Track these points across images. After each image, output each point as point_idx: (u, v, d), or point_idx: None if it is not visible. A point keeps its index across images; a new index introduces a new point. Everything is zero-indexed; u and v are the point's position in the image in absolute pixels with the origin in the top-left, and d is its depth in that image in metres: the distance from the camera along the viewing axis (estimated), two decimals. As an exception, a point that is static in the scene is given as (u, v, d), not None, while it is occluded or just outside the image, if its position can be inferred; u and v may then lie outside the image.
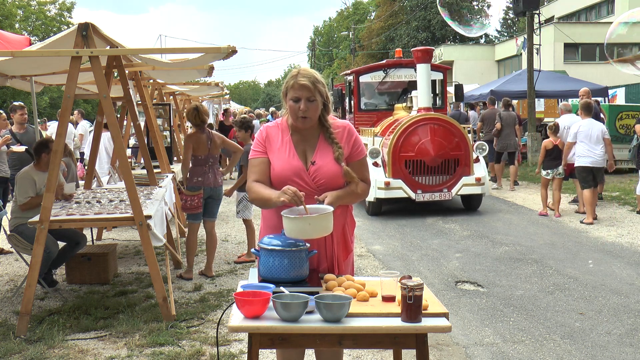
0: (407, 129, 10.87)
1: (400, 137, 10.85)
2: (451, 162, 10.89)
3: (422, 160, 10.75)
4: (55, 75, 7.80)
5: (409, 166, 10.82)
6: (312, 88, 3.09)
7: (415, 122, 10.92)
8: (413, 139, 10.84)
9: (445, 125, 11.00)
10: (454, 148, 10.89)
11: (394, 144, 10.84)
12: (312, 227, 2.91)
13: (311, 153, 3.18)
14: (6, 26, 33.29)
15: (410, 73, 12.95)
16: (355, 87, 13.24)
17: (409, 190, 10.75)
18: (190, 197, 6.96)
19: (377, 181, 10.72)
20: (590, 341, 5.10)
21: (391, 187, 10.73)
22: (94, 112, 24.07)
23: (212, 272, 7.15)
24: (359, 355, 4.79)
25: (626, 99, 21.47)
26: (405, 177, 10.81)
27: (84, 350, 4.91)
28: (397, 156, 10.81)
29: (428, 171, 10.81)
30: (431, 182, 10.87)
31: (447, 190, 10.88)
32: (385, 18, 49.92)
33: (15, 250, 6.89)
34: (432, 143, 10.76)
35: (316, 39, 73.10)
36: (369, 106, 13.49)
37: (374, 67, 13.63)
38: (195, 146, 7.03)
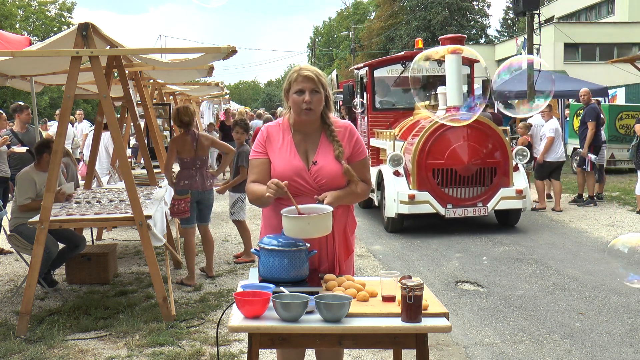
0: (436, 132, 9.28)
1: (427, 141, 9.26)
2: (487, 171, 9.29)
3: (453, 169, 9.19)
4: (55, 75, 7.80)
5: (438, 176, 9.24)
6: (316, 80, 3.12)
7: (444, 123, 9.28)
8: (442, 144, 9.26)
9: (481, 128, 9.37)
10: (491, 154, 9.34)
11: (419, 149, 9.23)
12: (312, 227, 2.91)
13: (313, 153, 3.18)
14: (6, 26, 33.29)
15: (433, 67, 11.25)
16: (369, 83, 11.29)
17: (437, 205, 9.14)
18: (178, 201, 6.72)
19: (400, 194, 9.18)
20: (590, 341, 5.10)
21: (416, 201, 9.11)
22: (94, 112, 24.09)
23: (212, 272, 7.13)
24: (359, 355, 4.79)
25: (626, 99, 21.47)
26: (433, 189, 9.21)
27: (84, 350, 4.91)
28: (424, 164, 9.23)
29: (460, 182, 9.23)
30: (464, 195, 9.28)
31: (483, 205, 9.25)
32: (385, 18, 49.94)
33: (15, 250, 6.89)
34: (466, 148, 9.22)
35: (316, 39, 73.11)
36: (385, 105, 11.60)
37: (391, 60, 11.62)
38: (180, 149, 6.77)
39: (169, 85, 12.43)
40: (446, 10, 45.67)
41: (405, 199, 9.17)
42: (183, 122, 6.82)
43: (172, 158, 6.83)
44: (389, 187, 9.37)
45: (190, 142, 6.79)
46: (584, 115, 11.52)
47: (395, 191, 9.25)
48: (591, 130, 11.16)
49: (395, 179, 9.43)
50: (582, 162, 11.47)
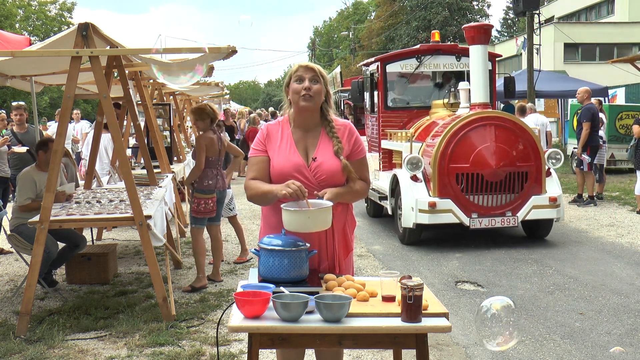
0: (460, 132, 8.29)
1: (450, 142, 8.26)
2: (517, 177, 8.29)
3: (479, 174, 8.18)
4: (55, 75, 7.80)
5: (462, 181, 8.26)
6: (316, 70, 3.16)
7: (470, 122, 8.34)
8: (467, 146, 8.25)
9: (511, 127, 8.39)
10: (522, 157, 8.32)
11: (441, 151, 8.25)
12: (312, 221, 2.92)
13: (312, 149, 3.20)
14: (6, 26, 33.29)
15: (450, 61, 10.27)
16: (381, 79, 10.23)
17: (461, 214, 8.17)
18: (205, 199, 6.60)
19: (419, 202, 8.19)
20: (590, 341, 5.10)
21: (438, 210, 8.13)
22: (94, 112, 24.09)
23: (220, 277, 6.95)
24: (359, 355, 4.79)
25: (626, 99, 21.47)
26: (457, 197, 8.23)
27: (84, 350, 4.91)
28: (446, 168, 8.26)
29: (487, 188, 8.22)
30: (491, 203, 8.27)
31: (512, 214, 8.26)
32: (385, 18, 49.95)
33: (15, 250, 6.90)
34: (493, 150, 8.19)
35: (316, 39, 73.09)
36: (399, 103, 10.56)
37: (405, 54, 10.55)
38: (209, 147, 6.63)
39: (169, 85, 12.40)
40: (446, 10, 45.67)
41: (425, 208, 8.15)
42: (213, 120, 6.77)
43: (203, 156, 6.59)
44: (406, 193, 8.46)
45: (216, 141, 6.72)
46: (580, 115, 11.53)
47: (414, 198, 8.27)
48: (585, 131, 11.16)
49: (413, 185, 8.44)
50: (580, 162, 11.48)
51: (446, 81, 10.49)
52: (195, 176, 6.62)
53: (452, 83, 10.14)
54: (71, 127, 14.26)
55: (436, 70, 10.48)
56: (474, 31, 8.67)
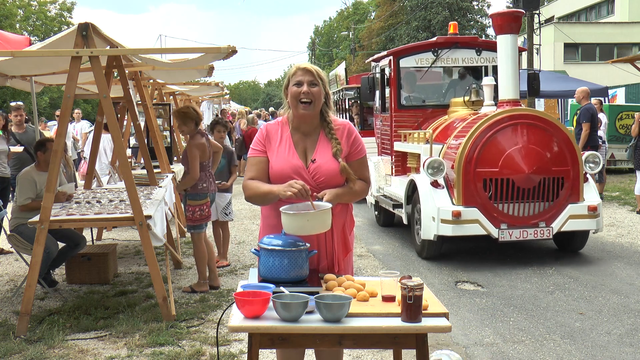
0: (487, 132, 7.42)
1: (477, 144, 7.39)
2: (552, 182, 7.41)
3: (510, 180, 7.30)
4: (55, 75, 7.80)
5: (490, 188, 7.38)
6: (314, 73, 3.14)
7: (498, 121, 7.46)
8: (496, 147, 7.39)
9: (545, 127, 7.50)
10: (558, 161, 7.43)
11: (466, 154, 7.40)
12: (311, 223, 2.92)
13: (311, 151, 3.20)
14: (6, 26, 33.27)
15: (470, 55, 9.43)
16: (394, 75, 9.34)
17: (488, 225, 7.27)
18: (199, 206, 6.39)
19: (441, 211, 7.31)
20: (590, 341, 5.10)
21: (463, 220, 7.24)
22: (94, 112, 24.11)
23: (218, 282, 6.76)
24: (359, 355, 4.79)
25: (626, 99, 21.48)
26: (484, 205, 7.35)
27: (84, 350, 4.91)
28: (472, 173, 7.39)
29: (518, 196, 7.34)
30: (522, 213, 7.39)
31: (546, 225, 7.37)
32: (385, 18, 49.94)
33: (15, 250, 6.90)
34: (526, 153, 7.31)
35: (316, 39, 73.11)
36: (413, 101, 9.67)
37: (420, 47, 9.62)
38: (201, 152, 6.40)
39: (169, 85, 12.42)
40: (446, 10, 45.66)
41: (448, 217, 7.26)
42: (197, 122, 6.52)
43: (197, 162, 6.34)
44: (426, 201, 7.59)
45: (205, 144, 6.48)
46: (579, 116, 11.52)
47: (435, 207, 7.38)
48: (585, 131, 11.14)
49: (434, 192, 7.55)
50: None
51: (466, 77, 9.68)
52: (190, 184, 6.38)
53: (473, 79, 9.44)
54: (71, 127, 14.25)
55: (454, 65, 9.54)
56: (502, 19, 7.74)
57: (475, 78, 9.49)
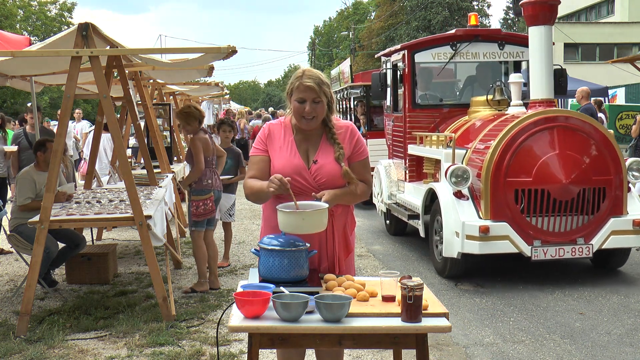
0: (519, 136, 6.61)
1: (508, 149, 6.57)
2: (593, 193, 6.59)
3: (545, 191, 6.47)
4: (55, 75, 7.80)
5: (522, 200, 6.56)
6: (317, 90, 3.10)
7: (532, 124, 6.62)
8: (529, 154, 6.56)
9: (585, 131, 6.67)
10: (599, 169, 6.59)
11: (495, 161, 6.56)
12: (306, 222, 2.92)
13: (313, 152, 3.20)
14: (6, 26, 33.29)
15: (492, 50, 8.57)
16: (408, 71, 8.52)
17: (520, 242, 6.44)
18: (203, 201, 6.38)
19: (466, 225, 6.48)
20: (590, 341, 5.10)
21: (491, 237, 6.42)
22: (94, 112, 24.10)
23: (218, 283, 6.71)
24: (359, 355, 4.79)
25: (626, 99, 21.50)
26: (515, 219, 6.51)
27: (84, 350, 4.91)
28: (502, 183, 6.55)
29: (554, 208, 6.51)
30: (558, 228, 6.55)
31: (585, 242, 6.55)
32: (385, 18, 49.97)
33: (15, 250, 6.90)
34: (563, 161, 6.49)
35: (316, 39, 73.11)
36: (429, 99, 8.87)
37: (437, 41, 8.74)
38: (205, 147, 6.41)
39: (169, 85, 12.42)
40: (446, 10, 45.69)
41: (474, 233, 6.43)
42: (200, 121, 6.54)
43: (202, 156, 6.35)
44: (448, 214, 6.75)
45: (209, 140, 6.50)
46: None
47: (460, 221, 6.53)
48: None
49: (457, 204, 6.73)
50: None
51: (487, 73, 8.85)
52: (195, 177, 6.39)
53: (496, 75, 8.68)
54: (71, 126, 14.25)
55: (475, 60, 8.66)
56: (535, 8, 6.84)
57: (497, 75, 8.76)
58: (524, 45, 7.96)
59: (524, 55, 8.37)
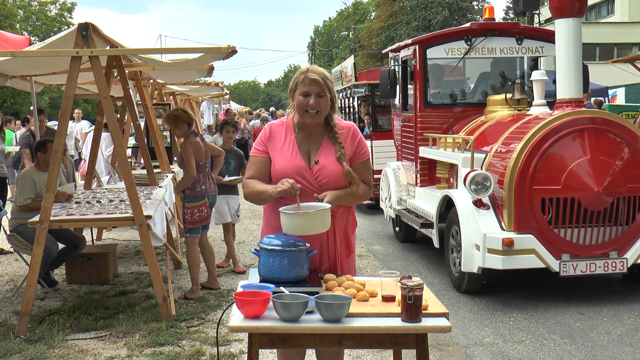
0: (547, 140, 6.04)
1: (534, 154, 6.02)
2: (628, 203, 6.04)
3: (576, 200, 5.92)
4: (55, 75, 7.80)
5: (549, 209, 6.01)
6: (322, 84, 3.11)
7: (560, 126, 6.06)
8: (558, 159, 6.02)
9: (619, 134, 6.12)
10: (635, 176, 6.06)
11: (520, 167, 6.00)
12: (310, 223, 2.92)
13: (315, 152, 3.19)
14: (6, 26, 33.30)
15: (509, 45, 7.96)
16: (420, 68, 7.91)
17: (547, 256, 5.88)
18: (198, 207, 6.23)
19: (488, 238, 5.92)
20: (590, 341, 5.10)
21: (515, 250, 5.84)
22: (94, 112, 24.10)
23: (217, 284, 6.69)
24: (359, 355, 4.79)
25: (626, 99, 21.48)
26: (542, 231, 5.95)
27: (84, 350, 4.91)
28: (527, 191, 5.99)
29: (585, 219, 5.96)
30: (589, 240, 6.00)
31: (618, 255, 6.00)
32: (385, 18, 49.98)
33: (15, 250, 6.90)
34: (596, 166, 5.93)
35: (316, 39, 73.13)
36: (442, 98, 8.28)
37: (451, 35, 8.11)
38: (196, 152, 6.25)
39: (169, 85, 12.42)
40: (446, 10, 45.70)
41: (497, 247, 5.86)
42: (190, 123, 6.37)
43: (193, 162, 6.17)
44: (467, 225, 6.19)
45: (200, 144, 6.34)
46: None
47: (480, 233, 5.99)
48: None
49: (477, 214, 6.17)
50: None
51: (504, 70, 8.38)
52: (188, 184, 6.23)
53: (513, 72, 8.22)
54: (72, 125, 14.26)
55: (491, 56, 8.09)
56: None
57: (514, 71, 8.30)
58: (544, 40, 7.72)
59: (543, 50, 7.92)
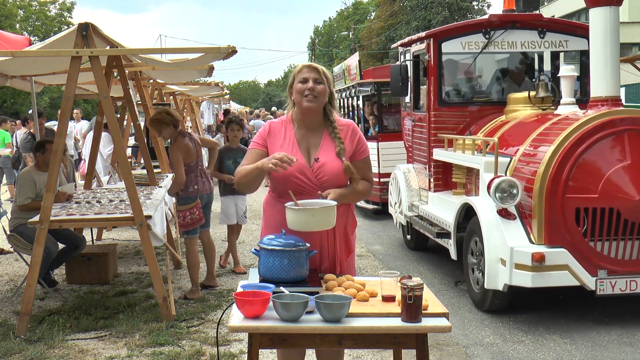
0: (581, 143, 5.44)
1: (567, 159, 5.41)
2: None
3: (615, 210, 5.33)
4: (55, 75, 7.80)
5: (584, 221, 5.41)
6: (320, 71, 3.16)
7: (597, 127, 5.46)
8: (594, 165, 5.43)
9: None
10: None
11: (552, 173, 5.41)
12: (316, 220, 2.92)
13: (315, 150, 3.20)
14: (6, 26, 33.29)
15: (531, 38, 7.35)
16: (434, 63, 7.35)
17: (582, 273, 5.28)
18: (189, 210, 6.17)
19: (516, 252, 5.32)
20: (590, 341, 5.10)
21: (547, 267, 5.24)
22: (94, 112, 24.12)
23: (216, 281, 6.70)
24: (359, 355, 4.79)
25: (626, 99, 21.48)
26: (576, 245, 5.35)
27: (84, 350, 4.91)
28: (560, 200, 5.39)
29: (625, 231, 5.36)
30: (629, 255, 5.40)
31: None
32: (385, 18, 49.97)
33: (15, 250, 6.90)
34: (638, 173, 5.35)
35: (316, 39, 73.13)
36: (458, 96, 7.76)
37: (468, 28, 7.48)
38: (185, 154, 6.15)
39: (169, 85, 12.43)
40: (446, 10, 45.67)
41: (526, 262, 5.26)
42: (176, 124, 6.25)
43: (182, 166, 6.09)
44: (492, 237, 5.59)
45: (189, 144, 6.26)
46: None
47: (507, 247, 5.39)
48: None
49: (503, 224, 5.57)
50: None
51: (526, 66, 7.81)
52: (177, 189, 6.17)
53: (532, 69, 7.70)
54: (72, 125, 14.27)
55: (512, 50, 7.49)
56: None
57: (534, 67, 7.82)
58: (569, 33, 7.29)
59: (567, 44, 7.41)
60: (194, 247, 6.35)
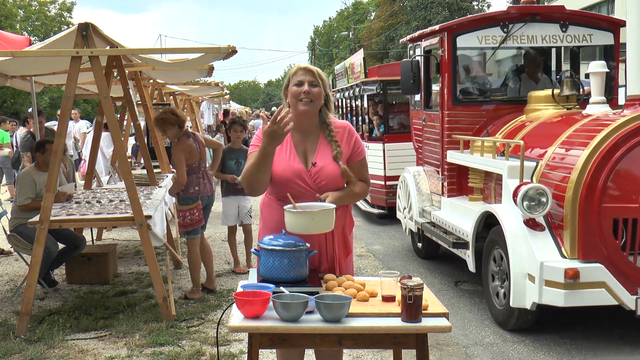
0: (619, 147, 4.94)
1: (604, 164, 4.89)
2: None
3: None
4: (55, 75, 7.81)
5: (622, 233, 4.88)
6: (315, 74, 3.15)
7: (636, 128, 4.97)
8: (633, 171, 4.92)
9: None
10: None
11: (586, 180, 4.89)
12: (315, 223, 2.92)
13: (312, 154, 3.19)
14: (6, 26, 33.29)
15: (552, 32, 6.83)
16: (448, 59, 6.86)
17: (620, 291, 4.77)
18: (190, 211, 6.16)
19: (546, 268, 4.79)
20: (591, 341, 5.10)
21: (581, 284, 4.72)
22: (94, 112, 24.12)
23: (215, 285, 6.63)
24: (359, 355, 4.79)
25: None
26: (613, 259, 4.83)
27: (84, 350, 4.91)
28: (596, 210, 4.85)
29: None
30: None
31: None
32: (385, 18, 49.98)
33: (15, 250, 6.90)
34: None
35: (316, 39, 73.14)
36: (474, 95, 7.20)
37: (485, 21, 6.95)
38: (188, 155, 6.14)
39: (169, 85, 12.43)
40: (446, 10, 45.68)
41: (558, 279, 4.73)
42: (181, 124, 6.22)
43: (184, 166, 6.07)
44: (518, 250, 5.07)
45: (193, 145, 6.22)
46: None
47: (536, 261, 4.86)
48: None
49: (531, 236, 5.04)
50: None
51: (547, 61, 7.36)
52: (178, 189, 6.16)
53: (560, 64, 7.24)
54: (71, 125, 14.27)
55: (532, 44, 6.93)
56: None
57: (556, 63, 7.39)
58: (593, 27, 6.81)
59: (591, 38, 6.90)
60: (195, 247, 6.34)
